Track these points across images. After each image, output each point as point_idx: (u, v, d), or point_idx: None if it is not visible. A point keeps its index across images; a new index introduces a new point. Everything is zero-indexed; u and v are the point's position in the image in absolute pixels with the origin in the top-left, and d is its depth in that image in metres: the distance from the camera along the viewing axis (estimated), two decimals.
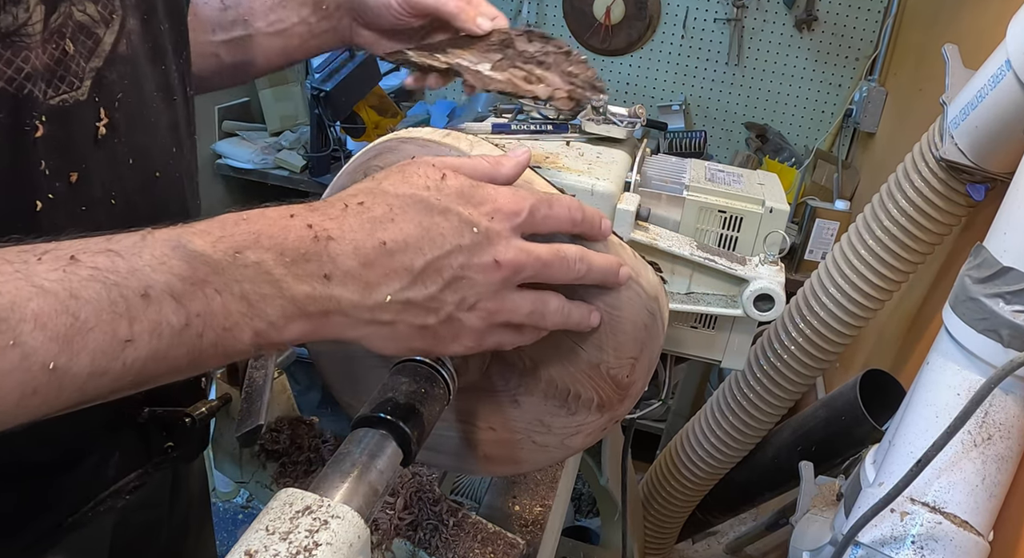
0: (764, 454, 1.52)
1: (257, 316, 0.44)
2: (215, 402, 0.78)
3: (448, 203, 0.48)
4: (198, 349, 0.43)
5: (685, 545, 2.04)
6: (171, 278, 0.41)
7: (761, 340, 1.40)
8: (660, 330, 0.61)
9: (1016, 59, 0.89)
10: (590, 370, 0.60)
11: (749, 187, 0.80)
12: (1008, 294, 0.75)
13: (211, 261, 0.43)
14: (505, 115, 0.87)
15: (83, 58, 0.57)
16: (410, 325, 0.48)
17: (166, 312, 0.41)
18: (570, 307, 0.55)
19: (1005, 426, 0.77)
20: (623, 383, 0.61)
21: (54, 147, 0.55)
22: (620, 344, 0.59)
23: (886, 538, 0.79)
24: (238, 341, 0.44)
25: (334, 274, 0.45)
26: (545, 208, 0.51)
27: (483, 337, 0.51)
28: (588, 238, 0.55)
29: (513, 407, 0.64)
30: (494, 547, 0.74)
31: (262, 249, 0.44)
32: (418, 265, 0.47)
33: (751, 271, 0.73)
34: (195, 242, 0.43)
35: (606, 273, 0.55)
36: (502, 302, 0.50)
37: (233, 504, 2.39)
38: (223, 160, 2.51)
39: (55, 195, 0.56)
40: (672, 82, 2.66)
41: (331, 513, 0.43)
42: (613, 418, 0.63)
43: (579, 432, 0.63)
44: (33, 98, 0.53)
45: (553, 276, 0.52)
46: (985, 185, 1.10)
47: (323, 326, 0.46)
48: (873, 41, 2.43)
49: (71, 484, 0.69)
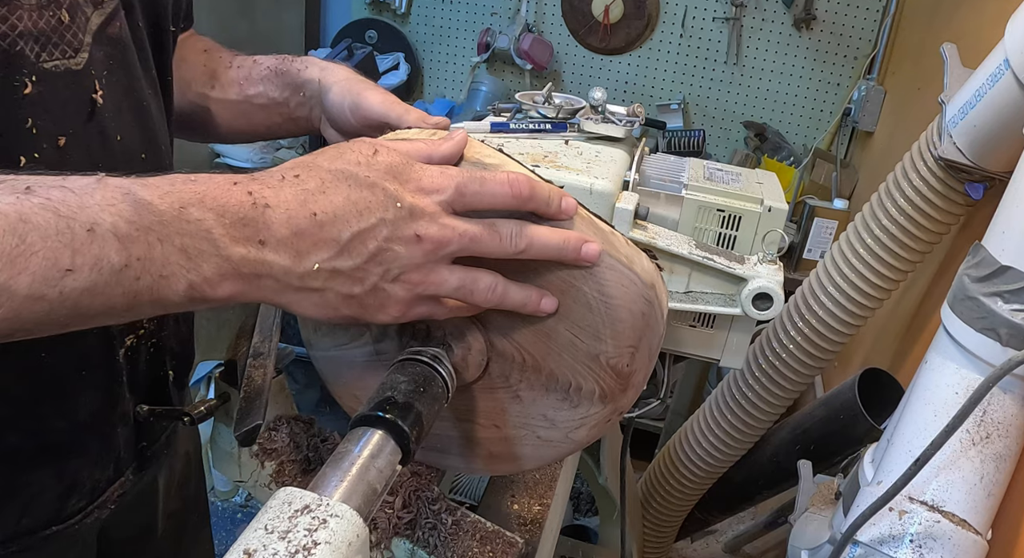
0: (763, 453, 1.52)
1: (194, 269, 0.46)
2: (213, 401, 0.78)
3: (376, 178, 0.50)
4: (133, 291, 0.45)
5: (684, 544, 2.04)
6: (117, 220, 0.44)
7: (760, 339, 1.40)
8: (659, 319, 0.61)
9: (1014, 58, 0.89)
10: (590, 361, 0.60)
11: (748, 186, 0.80)
12: (1006, 293, 0.75)
13: (157, 211, 0.45)
14: (504, 114, 0.87)
15: (80, 31, 0.58)
16: (337, 293, 0.51)
17: (108, 250, 0.43)
18: (506, 286, 0.55)
19: (1003, 425, 0.77)
20: (624, 372, 0.60)
21: (43, 108, 0.57)
22: (618, 333, 0.59)
23: (884, 537, 0.79)
24: (172, 291, 0.46)
25: (268, 240, 0.48)
26: (475, 185, 0.52)
27: (409, 307, 0.53)
28: (541, 215, 0.55)
29: (515, 403, 0.64)
30: (493, 546, 0.74)
31: (205, 208, 0.46)
32: (345, 236, 0.49)
33: (750, 270, 0.73)
34: (144, 192, 0.45)
35: (560, 249, 0.55)
36: (427, 275, 0.52)
37: (232, 503, 2.38)
38: (222, 158, 2.51)
39: (40, 154, 0.57)
40: (671, 81, 2.66)
41: (330, 512, 0.43)
42: (617, 409, 0.63)
43: (583, 425, 0.63)
44: (24, 56, 0.54)
45: (485, 250, 0.53)
46: (983, 184, 1.10)
47: (255, 288, 0.49)
48: (872, 40, 2.43)
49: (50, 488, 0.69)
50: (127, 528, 0.81)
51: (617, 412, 0.63)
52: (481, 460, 0.69)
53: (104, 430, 0.72)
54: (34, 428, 0.66)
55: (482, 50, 2.65)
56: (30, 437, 0.66)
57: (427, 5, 2.75)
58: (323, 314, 0.52)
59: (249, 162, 2.47)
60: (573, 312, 0.59)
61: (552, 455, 0.67)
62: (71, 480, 0.70)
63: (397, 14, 2.77)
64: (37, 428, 0.66)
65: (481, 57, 2.66)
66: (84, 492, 0.71)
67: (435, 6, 2.75)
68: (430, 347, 0.59)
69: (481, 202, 0.53)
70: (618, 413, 0.64)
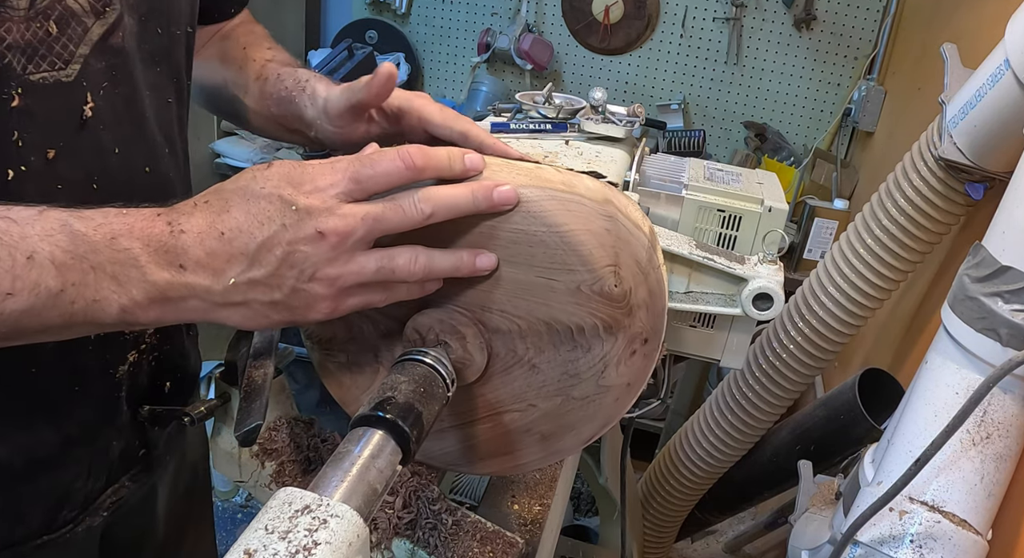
0: (763, 453, 1.52)
1: (124, 294, 0.50)
2: (214, 401, 0.77)
3: (271, 188, 0.52)
4: (68, 313, 0.49)
5: (684, 544, 2.04)
6: (55, 249, 0.48)
7: (760, 339, 1.40)
8: (630, 231, 0.59)
9: (1015, 58, 0.89)
10: (573, 296, 0.59)
11: (748, 186, 0.80)
12: (1007, 293, 0.75)
13: (90, 242, 0.49)
14: (504, 114, 0.87)
15: (73, 43, 0.58)
16: (261, 302, 0.53)
17: (46, 276, 0.48)
18: (430, 255, 0.56)
19: (1004, 425, 0.77)
20: (615, 295, 0.59)
21: (30, 121, 0.57)
22: (585, 257, 0.57)
23: (885, 537, 0.79)
24: (105, 314, 0.50)
25: (187, 263, 0.51)
26: (368, 169, 0.53)
27: (338, 301, 0.54)
28: (448, 178, 0.56)
29: (535, 374, 0.63)
30: (493, 546, 0.73)
31: (133, 238, 0.50)
32: (252, 248, 0.51)
33: (750, 270, 0.73)
34: (79, 224, 0.49)
35: (472, 201, 0.55)
36: (343, 266, 0.53)
37: (232, 503, 2.38)
38: (222, 159, 2.51)
39: (27, 168, 0.57)
40: (671, 81, 2.65)
41: (330, 512, 0.43)
42: (632, 336, 0.61)
43: (606, 365, 0.61)
44: (11, 69, 0.55)
45: (393, 226, 0.53)
46: (984, 184, 1.10)
47: (183, 310, 0.52)
48: (872, 40, 2.43)
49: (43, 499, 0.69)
50: (128, 531, 0.81)
51: (637, 340, 0.61)
52: (537, 444, 0.67)
53: (99, 442, 0.72)
54: (26, 442, 0.66)
55: (482, 50, 2.65)
56: (21, 451, 0.66)
57: (427, 5, 2.75)
58: (256, 324, 0.54)
59: (248, 162, 2.46)
60: (535, 256, 0.58)
61: (598, 411, 0.64)
62: (63, 491, 0.70)
63: (397, 14, 2.77)
64: (29, 442, 0.66)
65: (481, 57, 2.66)
66: (76, 502, 0.72)
67: (435, 6, 2.75)
68: (429, 347, 0.59)
69: (378, 183, 0.53)
70: (639, 340, 0.61)
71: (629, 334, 0.61)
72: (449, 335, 0.61)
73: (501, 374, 0.64)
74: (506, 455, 0.68)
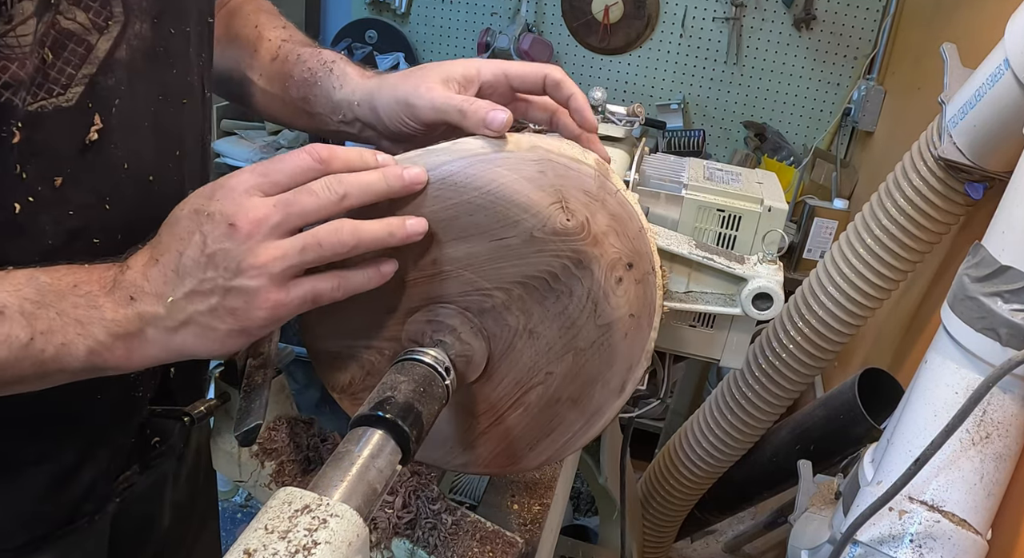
0: (762, 453, 1.52)
1: (89, 336, 0.53)
2: (214, 401, 0.78)
3: (188, 207, 0.55)
4: (40, 361, 0.52)
5: (684, 544, 2.04)
6: (23, 301, 0.51)
7: (759, 339, 1.40)
8: (568, 166, 0.59)
9: (1014, 58, 0.89)
10: (531, 244, 0.59)
11: (747, 186, 0.80)
12: (1006, 293, 0.75)
13: (56, 290, 0.52)
14: None
15: (71, 65, 0.57)
16: (204, 313, 0.54)
17: (15, 328, 0.50)
18: (355, 225, 0.55)
19: (1003, 425, 0.77)
20: (570, 228, 0.58)
21: (32, 152, 0.56)
22: (525, 204, 0.58)
23: (884, 536, 0.79)
24: (73, 358, 0.53)
25: (136, 295, 0.54)
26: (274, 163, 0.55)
27: (281, 292, 0.54)
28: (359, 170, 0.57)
29: (536, 340, 0.63)
30: (492, 546, 0.73)
31: (92, 282, 0.54)
32: (179, 263, 0.54)
33: (749, 270, 0.73)
34: (45, 277, 0.53)
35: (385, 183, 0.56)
36: (266, 253, 0.53)
37: (232, 503, 2.38)
38: (222, 159, 2.51)
39: (35, 198, 0.57)
40: (671, 81, 2.66)
41: (330, 512, 0.43)
42: (609, 264, 0.59)
43: (595, 302, 0.60)
44: (12, 106, 0.54)
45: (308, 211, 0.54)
46: (983, 184, 1.10)
47: (146, 344, 0.54)
48: (872, 40, 2.43)
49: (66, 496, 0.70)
50: (134, 520, 0.82)
51: (618, 266, 0.60)
52: (576, 413, 0.66)
53: (118, 441, 0.73)
54: (48, 450, 0.67)
55: (482, 50, 2.65)
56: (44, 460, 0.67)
57: (427, 5, 2.76)
58: (211, 344, 0.55)
59: (249, 162, 2.46)
60: (479, 224, 0.58)
61: (618, 355, 0.63)
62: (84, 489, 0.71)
63: (397, 14, 2.78)
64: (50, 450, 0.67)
65: (481, 57, 2.66)
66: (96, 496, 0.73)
67: (435, 6, 2.75)
68: (429, 347, 0.60)
69: (284, 174, 0.54)
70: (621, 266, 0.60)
71: (604, 263, 0.59)
72: (442, 332, 0.61)
73: (507, 353, 0.63)
74: (549, 436, 0.67)
